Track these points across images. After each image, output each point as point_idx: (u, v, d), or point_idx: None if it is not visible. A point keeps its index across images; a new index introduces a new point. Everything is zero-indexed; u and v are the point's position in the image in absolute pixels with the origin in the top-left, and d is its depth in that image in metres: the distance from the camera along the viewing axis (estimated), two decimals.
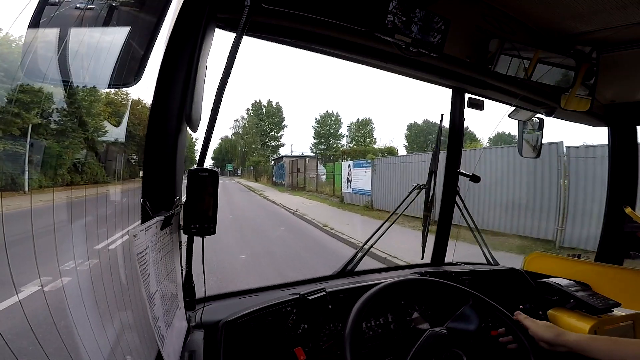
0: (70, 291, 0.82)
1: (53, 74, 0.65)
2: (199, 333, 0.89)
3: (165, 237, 0.71)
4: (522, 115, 1.68)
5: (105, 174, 1.26)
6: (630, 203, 1.69)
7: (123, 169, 1.25)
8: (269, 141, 52.71)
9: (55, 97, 0.96)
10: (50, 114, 1.65)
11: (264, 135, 52.04)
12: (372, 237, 1.54)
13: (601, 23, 1.15)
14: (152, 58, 0.67)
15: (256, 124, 51.04)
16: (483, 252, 1.67)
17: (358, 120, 48.28)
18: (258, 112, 51.59)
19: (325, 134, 48.31)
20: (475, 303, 0.99)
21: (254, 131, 50.42)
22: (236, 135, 52.89)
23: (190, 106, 0.74)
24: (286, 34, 0.95)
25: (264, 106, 52.72)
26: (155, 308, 0.62)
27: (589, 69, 1.30)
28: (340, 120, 49.67)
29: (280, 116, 52.70)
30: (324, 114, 49.86)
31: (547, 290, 1.40)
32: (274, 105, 53.26)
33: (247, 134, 50.86)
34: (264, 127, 52.35)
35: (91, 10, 0.65)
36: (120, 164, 1.26)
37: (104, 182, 1.22)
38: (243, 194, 20.51)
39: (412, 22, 0.95)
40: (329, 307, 1.06)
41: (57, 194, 0.81)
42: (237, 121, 54.00)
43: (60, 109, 1.16)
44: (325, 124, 48.96)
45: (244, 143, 50.82)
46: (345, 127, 48.76)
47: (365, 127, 47.11)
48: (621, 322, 1.26)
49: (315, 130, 49.19)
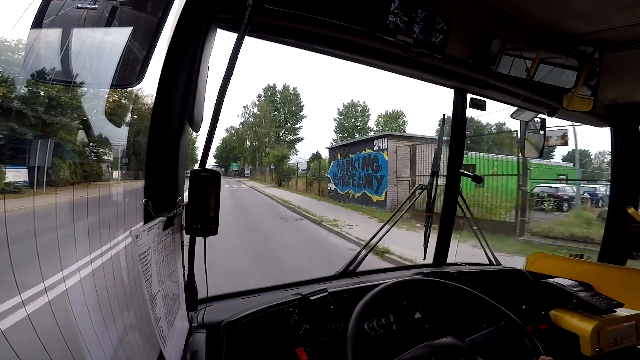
0: (72, 291, 0.82)
1: (55, 74, 0.65)
2: (201, 333, 0.89)
3: (167, 237, 0.71)
4: (524, 116, 1.68)
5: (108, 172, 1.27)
6: (633, 203, 1.69)
7: (126, 169, 1.26)
8: (285, 134, 44.05)
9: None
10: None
11: (279, 127, 43.41)
12: (373, 238, 1.54)
13: (603, 23, 1.14)
14: (154, 58, 0.67)
15: (270, 111, 42.10)
16: (485, 253, 1.67)
17: (387, 113, 41.18)
18: (272, 99, 43.46)
19: (350, 127, 41.16)
20: (509, 325, 0.95)
21: (268, 119, 41.12)
22: (245, 125, 43.30)
23: (193, 106, 0.74)
24: (288, 34, 0.95)
25: (278, 92, 43.90)
26: (157, 308, 0.62)
27: (592, 69, 1.30)
28: (367, 111, 41.58)
29: (298, 104, 44.02)
30: (348, 104, 41.98)
31: (549, 291, 1.39)
32: (290, 90, 44.08)
33: (259, 124, 41.26)
34: (279, 116, 43.50)
35: (94, 10, 0.65)
36: (124, 163, 1.26)
37: (106, 182, 1.22)
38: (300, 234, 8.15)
39: (414, 23, 0.95)
40: (331, 307, 1.06)
41: (58, 194, 0.81)
42: (247, 108, 44.14)
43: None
44: (350, 115, 41.64)
45: (256, 136, 41.46)
46: (372, 121, 41.74)
47: (395, 120, 40.27)
48: (624, 323, 1.25)
49: (338, 123, 42.01)
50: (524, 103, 1.49)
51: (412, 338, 1.10)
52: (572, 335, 1.25)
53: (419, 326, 1.15)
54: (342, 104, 47.20)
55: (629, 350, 1.25)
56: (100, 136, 1.09)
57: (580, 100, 1.35)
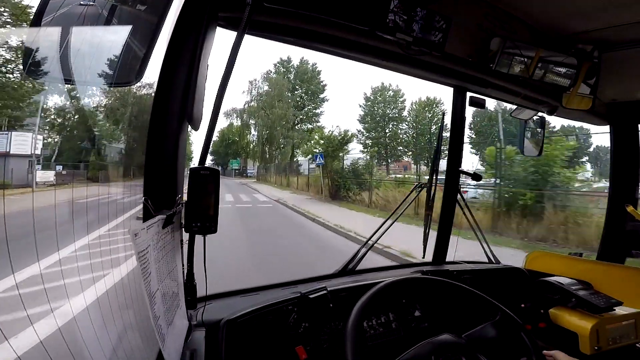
0: (72, 291, 0.82)
1: (54, 73, 0.65)
2: (201, 332, 0.89)
3: (166, 235, 0.71)
4: (523, 114, 1.68)
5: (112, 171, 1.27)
6: (632, 201, 1.69)
7: (126, 167, 1.25)
8: (304, 121, 33.49)
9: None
10: None
11: (298, 108, 32.74)
12: (373, 236, 1.54)
13: (603, 22, 1.14)
14: (153, 56, 0.67)
15: (287, 86, 31.94)
16: (484, 251, 1.67)
17: (421, 100, 32.31)
18: (285, 76, 33.50)
19: (380, 115, 32.37)
20: (503, 319, 0.96)
21: (284, 97, 30.55)
22: (250, 109, 32.14)
23: (192, 105, 0.74)
24: (287, 32, 0.95)
25: (293, 67, 33.76)
26: (156, 307, 0.62)
27: (591, 67, 1.30)
28: (401, 96, 32.54)
29: (318, 83, 34.12)
30: (378, 88, 33.04)
31: (548, 289, 1.39)
32: (309, 66, 33.66)
33: (270, 104, 30.08)
34: (295, 97, 33.05)
35: (93, 8, 0.65)
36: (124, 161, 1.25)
37: (105, 181, 1.21)
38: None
39: (414, 21, 0.95)
40: (330, 305, 1.06)
41: (58, 193, 0.81)
42: (254, 83, 32.37)
43: None
44: (379, 101, 33.08)
45: (268, 119, 30.20)
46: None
47: (430, 109, 32.10)
48: (623, 321, 1.25)
49: (367, 110, 33.12)
50: (523, 101, 1.49)
51: (412, 336, 1.10)
52: (571, 334, 1.25)
53: (418, 324, 1.16)
54: (370, 88, 36.66)
55: (628, 348, 1.25)
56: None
57: (579, 98, 1.36)
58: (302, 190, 18.27)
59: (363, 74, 47.85)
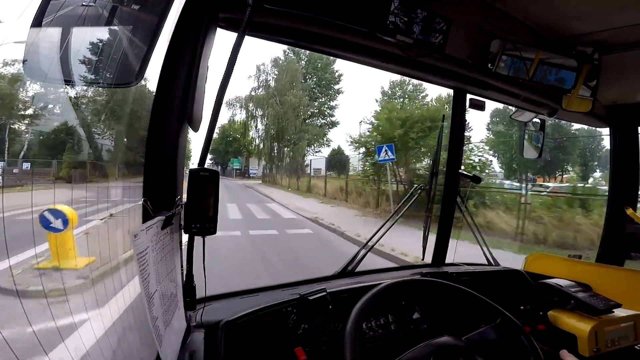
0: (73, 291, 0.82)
1: (54, 73, 0.65)
2: (199, 333, 0.89)
3: (165, 236, 0.71)
4: (523, 116, 1.68)
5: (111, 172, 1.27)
6: (632, 204, 1.69)
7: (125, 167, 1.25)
8: (316, 116, 29.24)
9: None
10: None
11: (312, 99, 28.30)
12: (373, 237, 1.54)
13: (603, 24, 1.15)
14: (153, 57, 0.67)
15: (300, 73, 27.44)
16: (484, 253, 1.67)
17: (440, 97, 27.80)
18: (298, 61, 29.16)
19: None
20: (504, 322, 0.95)
21: (298, 82, 26.36)
22: (257, 99, 27.44)
23: (192, 106, 0.74)
24: (288, 34, 0.95)
25: (305, 56, 29.02)
26: (154, 308, 0.62)
27: (591, 70, 1.30)
28: (423, 91, 28.62)
29: (332, 72, 29.92)
30: (397, 82, 29.13)
31: (547, 291, 1.39)
32: (323, 56, 26.46)
33: (281, 92, 25.62)
34: (307, 86, 28.45)
35: (93, 9, 0.65)
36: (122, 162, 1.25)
37: (104, 180, 1.21)
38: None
39: (414, 23, 0.95)
40: (329, 307, 1.06)
41: (58, 192, 0.81)
42: (261, 68, 28.02)
43: None
44: (398, 96, 29.25)
45: (281, 108, 25.48)
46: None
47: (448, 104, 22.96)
48: (622, 323, 1.26)
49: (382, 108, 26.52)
50: (523, 103, 1.49)
51: (411, 338, 1.10)
52: (570, 336, 1.25)
53: (417, 326, 1.15)
54: (389, 82, 32.70)
55: (626, 350, 1.25)
56: None
57: (579, 100, 1.36)
58: (335, 198, 13.16)
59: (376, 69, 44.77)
